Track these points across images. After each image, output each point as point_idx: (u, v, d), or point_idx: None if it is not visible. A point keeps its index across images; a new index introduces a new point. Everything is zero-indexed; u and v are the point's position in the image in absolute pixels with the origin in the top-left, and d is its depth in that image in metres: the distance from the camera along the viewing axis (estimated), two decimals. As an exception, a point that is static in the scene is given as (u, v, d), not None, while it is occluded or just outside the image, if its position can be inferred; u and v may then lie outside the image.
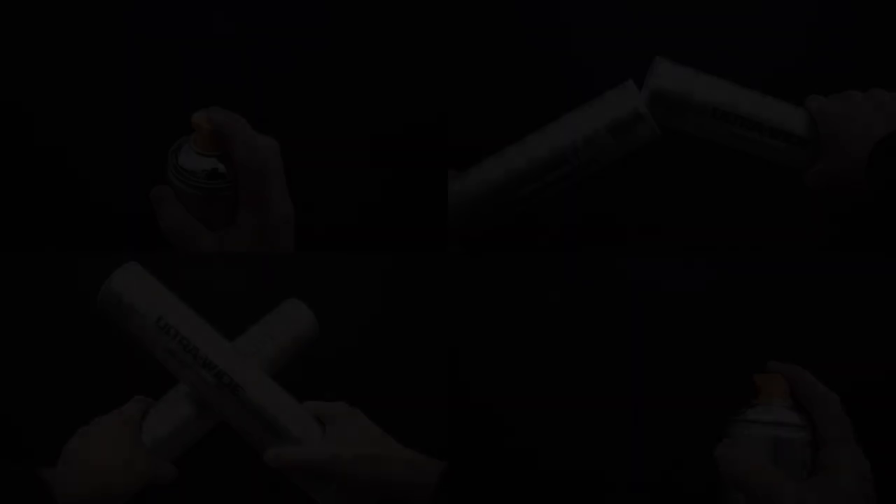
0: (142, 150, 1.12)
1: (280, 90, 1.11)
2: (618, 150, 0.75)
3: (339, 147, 1.13)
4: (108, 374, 1.13)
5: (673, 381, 1.05)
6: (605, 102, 0.76)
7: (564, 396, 1.12)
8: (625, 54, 1.09)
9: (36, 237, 1.11)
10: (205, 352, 0.70)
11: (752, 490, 0.54)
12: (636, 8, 1.11)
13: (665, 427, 1.05)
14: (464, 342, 1.11)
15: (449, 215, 0.79)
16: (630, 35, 1.11)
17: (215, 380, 0.69)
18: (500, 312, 1.14)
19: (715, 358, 0.61)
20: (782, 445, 0.57)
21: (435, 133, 1.09)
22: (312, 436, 0.68)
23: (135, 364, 1.13)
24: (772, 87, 0.80)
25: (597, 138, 0.75)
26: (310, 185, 1.12)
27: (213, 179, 0.68)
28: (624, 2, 1.11)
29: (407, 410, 1.14)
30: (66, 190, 1.11)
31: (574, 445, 1.12)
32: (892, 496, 0.59)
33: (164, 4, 1.10)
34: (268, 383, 0.71)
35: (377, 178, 1.13)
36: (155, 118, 1.11)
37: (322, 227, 1.10)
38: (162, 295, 0.74)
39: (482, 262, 1.12)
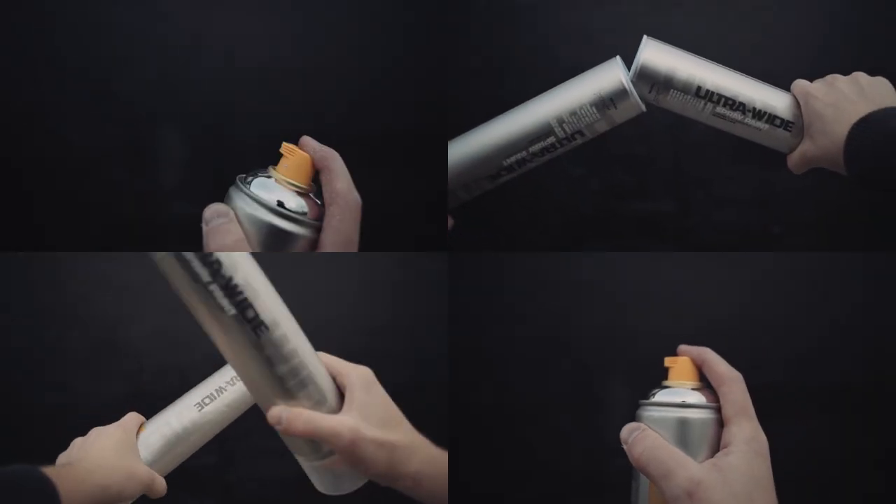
0: (141, 151, 1.12)
1: (281, 90, 1.11)
2: (602, 125, 0.76)
3: (338, 147, 1.13)
4: (106, 377, 1.13)
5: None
6: (591, 76, 0.77)
7: (564, 395, 1.12)
8: (616, 39, 1.09)
9: (35, 237, 1.11)
10: (229, 270, 0.54)
11: (650, 471, 0.56)
12: (648, 23, 1.11)
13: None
14: (464, 342, 1.11)
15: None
16: (621, 19, 1.11)
17: (236, 310, 0.55)
18: (500, 312, 1.14)
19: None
20: (686, 426, 0.58)
21: (435, 133, 1.09)
22: (330, 402, 0.60)
23: (132, 367, 1.13)
24: (759, 75, 0.81)
25: (581, 111, 0.76)
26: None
27: (298, 215, 0.64)
28: (637, 18, 1.11)
29: (407, 410, 1.14)
30: (66, 190, 1.11)
31: (574, 444, 1.12)
32: (804, 471, 0.60)
33: (161, 5, 1.10)
34: (295, 328, 0.59)
35: (377, 178, 1.13)
36: (153, 118, 1.11)
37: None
38: None
39: (482, 262, 1.12)
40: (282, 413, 0.59)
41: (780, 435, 0.58)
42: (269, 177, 0.65)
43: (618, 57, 0.77)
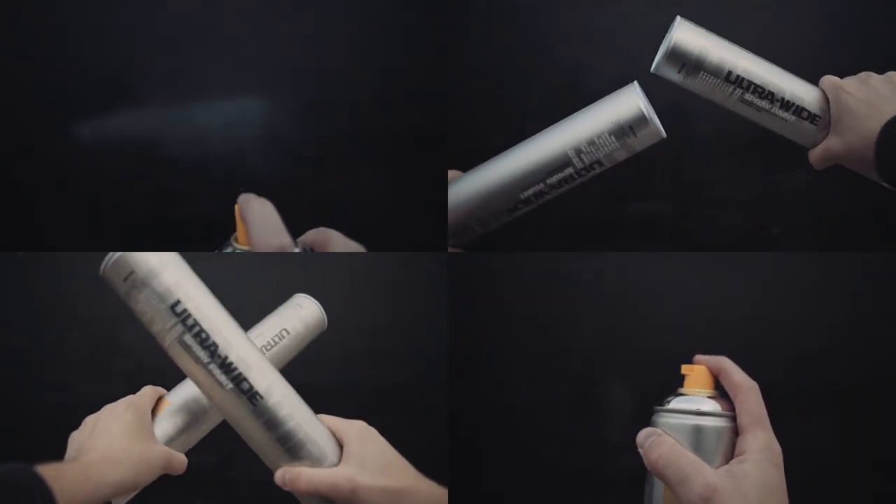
0: (141, 151, 1.12)
1: (281, 90, 1.11)
2: (622, 153, 0.74)
3: (338, 147, 1.13)
4: (106, 377, 1.13)
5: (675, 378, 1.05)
6: (608, 104, 0.74)
7: (564, 395, 1.12)
8: (616, 39, 1.09)
9: (35, 237, 1.11)
10: (225, 350, 0.62)
11: (667, 476, 0.56)
12: (648, 23, 1.11)
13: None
14: (464, 342, 1.11)
15: (449, 216, 0.78)
16: (621, 19, 1.11)
17: (233, 384, 0.62)
18: (500, 312, 1.14)
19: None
20: (702, 433, 0.58)
21: (435, 133, 1.09)
22: (331, 457, 0.64)
23: (132, 367, 1.13)
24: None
25: (600, 141, 0.74)
26: (310, 185, 1.13)
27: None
28: (637, 18, 1.11)
29: (406, 409, 1.15)
30: (66, 190, 1.11)
31: (574, 444, 1.12)
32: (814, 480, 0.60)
33: (163, 5, 1.10)
34: (290, 394, 0.64)
35: (377, 178, 1.13)
36: (153, 118, 1.11)
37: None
38: (184, 277, 0.62)
39: (482, 262, 1.12)
40: (285, 474, 0.62)
41: (781, 435, 0.58)
42: (232, 250, 0.71)
43: (635, 82, 0.75)
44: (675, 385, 0.62)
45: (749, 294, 1.11)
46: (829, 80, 0.77)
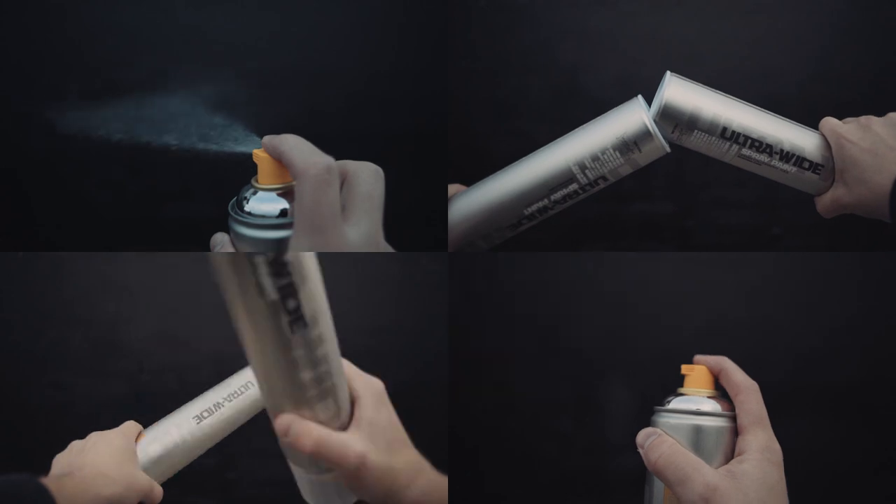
0: (140, 151, 1.12)
1: (281, 90, 1.11)
2: (626, 168, 0.74)
3: (338, 147, 1.13)
4: (106, 377, 1.13)
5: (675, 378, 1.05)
6: (612, 118, 0.74)
7: (564, 395, 1.12)
8: (616, 39, 1.09)
9: (35, 237, 1.11)
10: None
11: (666, 476, 0.57)
12: (648, 23, 1.11)
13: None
14: (464, 342, 1.11)
15: (450, 232, 0.78)
16: (621, 20, 1.11)
17: (279, 295, 0.49)
18: (500, 312, 1.14)
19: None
20: (702, 433, 0.59)
21: (435, 133, 1.09)
22: (343, 418, 0.57)
23: (132, 367, 1.13)
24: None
25: (604, 156, 0.73)
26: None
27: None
28: (637, 18, 1.11)
29: (407, 410, 1.14)
30: (66, 190, 1.11)
31: (574, 444, 1.12)
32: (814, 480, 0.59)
33: (160, 3, 1.10)
34: (331, 332, 0.54)
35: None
36: (153, 118, 1.11)
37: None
38: None
39: (482, 262, 1.12)
40: (291, 424, 0.55)
41: (781, 435, 0.58)
42: (254, 192, 0.67)
43: (639, 96, 0.74)
44: (675, 385, 0.62)
45: (749, 294, 1.11)
46: (829, 125, 0.74)
